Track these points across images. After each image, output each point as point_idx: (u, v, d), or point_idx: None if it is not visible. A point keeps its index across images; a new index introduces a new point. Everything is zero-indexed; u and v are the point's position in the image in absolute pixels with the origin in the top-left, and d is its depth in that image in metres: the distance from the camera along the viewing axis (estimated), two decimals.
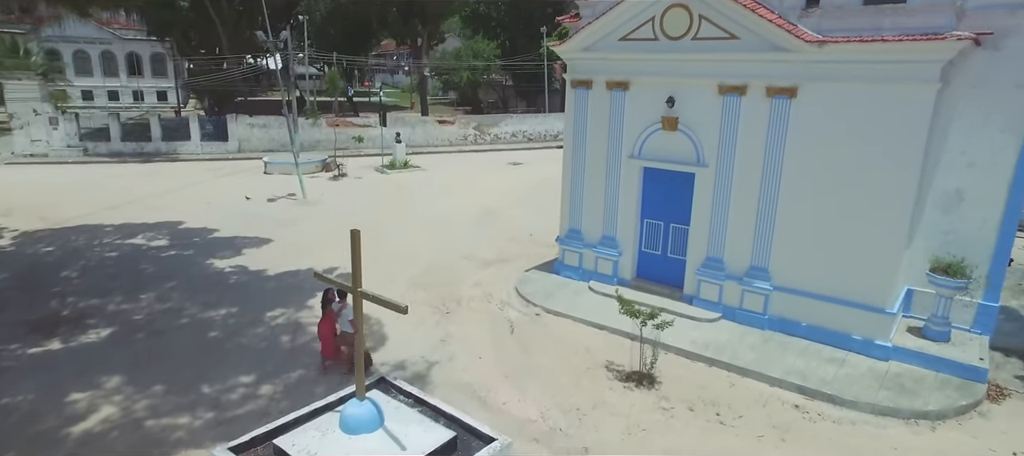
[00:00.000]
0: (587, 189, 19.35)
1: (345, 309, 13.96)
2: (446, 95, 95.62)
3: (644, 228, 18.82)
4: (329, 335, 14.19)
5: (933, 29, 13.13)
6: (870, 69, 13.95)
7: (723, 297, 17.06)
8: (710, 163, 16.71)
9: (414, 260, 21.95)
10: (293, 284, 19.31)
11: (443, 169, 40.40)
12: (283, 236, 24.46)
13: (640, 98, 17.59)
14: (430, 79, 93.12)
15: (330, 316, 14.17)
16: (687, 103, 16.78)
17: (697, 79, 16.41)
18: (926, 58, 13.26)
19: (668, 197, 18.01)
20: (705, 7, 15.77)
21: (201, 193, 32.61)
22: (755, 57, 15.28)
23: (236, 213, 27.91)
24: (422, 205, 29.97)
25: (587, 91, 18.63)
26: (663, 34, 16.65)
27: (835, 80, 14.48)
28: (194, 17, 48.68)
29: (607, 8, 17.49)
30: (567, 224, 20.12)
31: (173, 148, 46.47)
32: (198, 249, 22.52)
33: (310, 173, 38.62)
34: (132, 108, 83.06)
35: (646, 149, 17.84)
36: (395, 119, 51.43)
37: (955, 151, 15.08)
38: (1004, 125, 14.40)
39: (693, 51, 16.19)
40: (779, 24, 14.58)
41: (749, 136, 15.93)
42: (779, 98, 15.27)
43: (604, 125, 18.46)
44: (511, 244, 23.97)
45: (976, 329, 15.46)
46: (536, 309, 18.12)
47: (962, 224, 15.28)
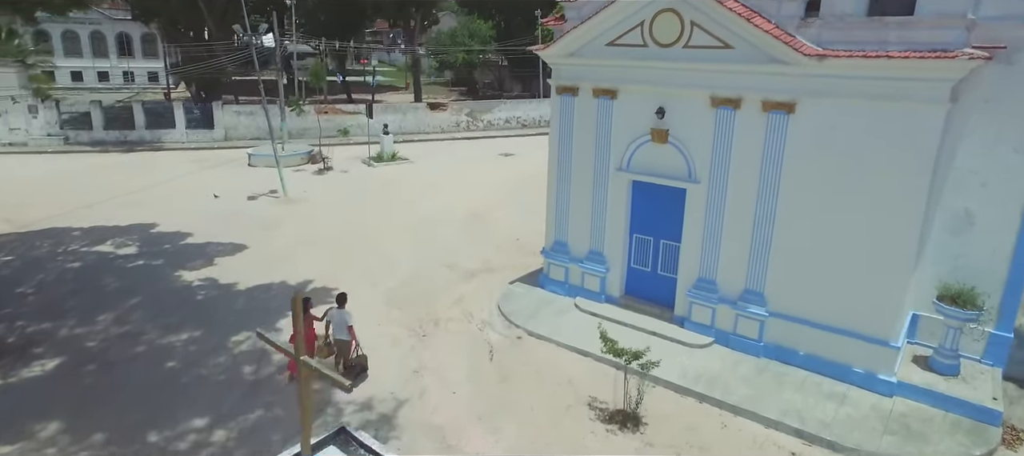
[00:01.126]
0: (573, 201, 18.28)
1: (343, 313, 14.01)
2: (442, 75, 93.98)
3: (633, 243, 17.78)
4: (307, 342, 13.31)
5: (942, 45, 11.99)
6: (874, 86, 12.84)
7: (716, 321, 16.07)
8: (702, 179, 15.63)
9: (394, 270, 20.93)
10: (263, 301, 18.31)
11: (432, 161, 39.25)
12: (260, 241, 23.42)
13: (628, 107, 16.48)
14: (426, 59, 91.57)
15: (310, 323, 13.72)
16: (678, 115, 15.67)
17: (689, 90, 15.29)
18: (935, 77, 12.15)
19: (658, 212, 16.96)
20: (697, 13, 14.61)
21: (181, 188, 31.55)
22: (750, 69, 14.15)
23: (213, 213, 26.88)
24: (407, 205, 28.89)
25: (573, 98, 17.51)
26: (653, 41, 15.51)
27: (836, 96, 13.36)
28: (180, 3, 47.13)
29: (594, 11, 16.33)
30: (553, 236, 19.08)
31: (157, 136, 45.30)
32: (168, 258, 21.49)
33: (295, 165, 37.55)
34: (123, 89, 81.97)
35: (635, 162, 16.75)
36: (385, 108, 50.03)
37: (965, 170, 14.04)
38: (1018, 144, 13.35)
39: (684, 60, 15.05)
40: (776, 35, 13.43)
41: (744, 152, 14.84)
42: (776, 113, 14.15)
43: (591, 134, 17.36)
44: (497, 251, 22.95)
45: (987, 360, 14.49)
46: (518, 331, 17.13)
47: (972, 248, 14.25)
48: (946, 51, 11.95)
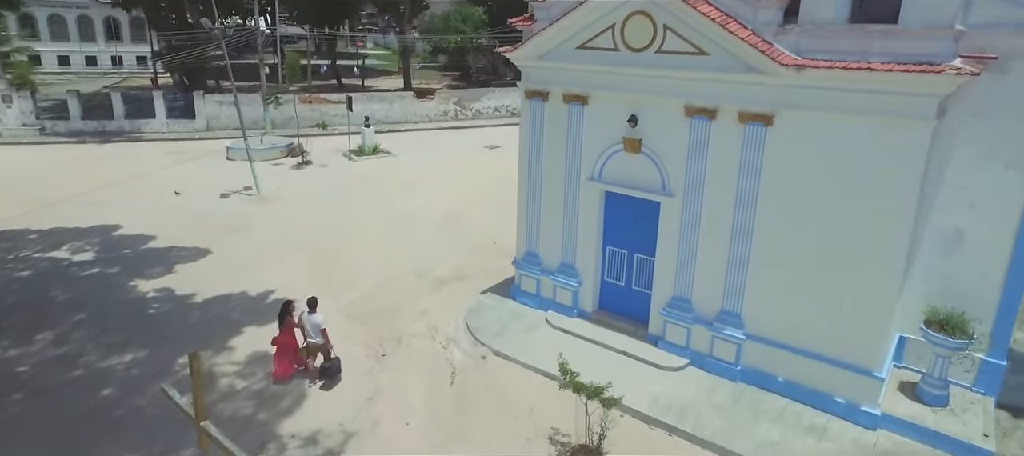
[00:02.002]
0: (544, 211, 17.33)
1: (315, 317, 14.31)
2: (436, 58, 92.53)
3: (607, 256, 16.85)
4: (287, 349, 14.41)
5: (928, 57, 11.01)
6: (856, 99, 11.85)
7: (691, 342, 15.17)
8: (677, 193, 14.66)
9: (360, 278, 20.03)
10: (219, 315, 17.41)
11: (414, 154, 38.20)
12: (226, 245, 22.50)
13: (600, 114, 15.49)
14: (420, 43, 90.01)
15: (290, 327, 14.39)
16: (651, 124, 14.68)
17: (662, 98, 14.30)
18: (920, 91, 11.17)
19: (632, 224, 16.02)
20: (670, 17, 13.58)
21: (153, 185, 30.51)
22: (726, 78, 13.14)
23: (181, 213, 25.93)
24: (383, 203, 27.94)
25: (542, 103, 16.52)
26: (624, 45, 14.49)
27: (816, 109, 12.38)
28: None
29: (563, 12, 15.30)
30: (524, 247, 18.15)
31: (137, 127, 44.26)
32: (126, 265, 20.56)
33: (273, 159, 36.56)
34: (111, 74, 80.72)
35: (607, 172, 15.78)
36: (371, 97, 48.92)
37: (954, 186, 13.08)
38: (1010, 161, 12.39)
39: (657, 66, 14.04)
40: (752, 43, 12.42)
41: (720, 165, 13.86)
42: (753, 125, 13.17)
43: (561, 142, 16.38)
44: (471, 255, 22.02)
45: (979, 389, 13.60)
46: (483, 350, 16.24)
47: (963, 269, 13.32)
48: (932, 64, 10.94)
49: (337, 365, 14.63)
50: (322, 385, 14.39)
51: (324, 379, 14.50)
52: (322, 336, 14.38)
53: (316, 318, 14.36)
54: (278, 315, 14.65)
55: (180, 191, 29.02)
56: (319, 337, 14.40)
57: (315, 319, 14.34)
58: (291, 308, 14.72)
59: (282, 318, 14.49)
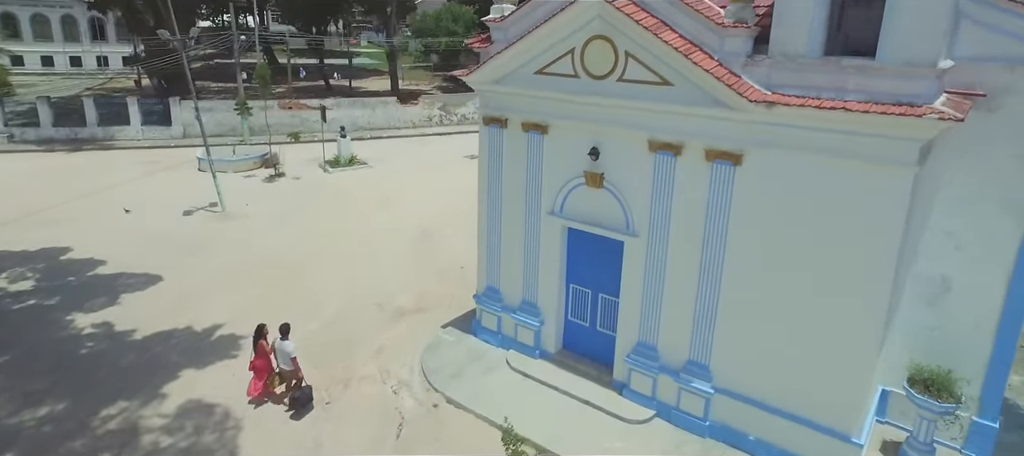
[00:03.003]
0: (504, 245, 16.18)
1: (285, 345, 14.13)
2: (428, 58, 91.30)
3: (570, 294, 15.70)
4: (261, 371, 14.35)
5: (909, 97, 9.84)
6: (832, 140, 10.69)
7: (657, 392, 14.03)
8: (641, 232, 13.50)
9: (318, 308, 18.88)
10: (156, 357, 16.24)
11: (392, 164, 36.94)
12: (179, 271, 21.32)
13: (561, 145, 14.32)
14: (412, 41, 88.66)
15: (263, 350, 14.30)
16: (614, 157, 13.52)
17: (624, 130, 13.13)
18: (900, 135, 9.97)
19: (596, 262, 14.87)
20: (631, 44, 12.40)
21: (117, 199, 29.15)
22: (691, 111, 11.97)
23: (137, 234, 24.71)
24: (352, 221, 26.74)
25: (501, 130, 15.36)
26: (585, 71, 13.32)
27: (788, 149, 11.21)
28: None
29: (521, 33, 14.12)
30: (484, 281, 17.01)
31: (110, 134, 42.98)
32: (67, 295, 19.37)
33: (246, 170, 35.35)
34: (96, 75, 79.40)
35: (569, 206, 14.61)
36: (353, 102, 47.66)
37: (940, 230, 11.96)
38: (1001, 204, 11.29)
39: (619, 96, 12.86)
40: (717, 75, 11.23)
41: (686, 205, 12.70)
42: (721, 163, 12.00)
43: (521, 173, 15.22)
44: (437, 282, 20.88)
45: (969, 451, 12.42)
46: (436, 396, 15.11)
47: (950, 321, 12.22)
48: (913, 105, 9.76)
49: (308, 393, 14.49)
50: (293, 414, 14.18)
51: (295, 408, 14.32)
52: (292, 364, 14.18)
53: (287, 346, 14.15)
54: (252, 338, 14.54)
55: (130, 208, 27.63)
56: (289, 365, 14.19)
57: (286, 347, 14.15)
58: (265, 331, 14.54)
59: (256, 342, 14.39)
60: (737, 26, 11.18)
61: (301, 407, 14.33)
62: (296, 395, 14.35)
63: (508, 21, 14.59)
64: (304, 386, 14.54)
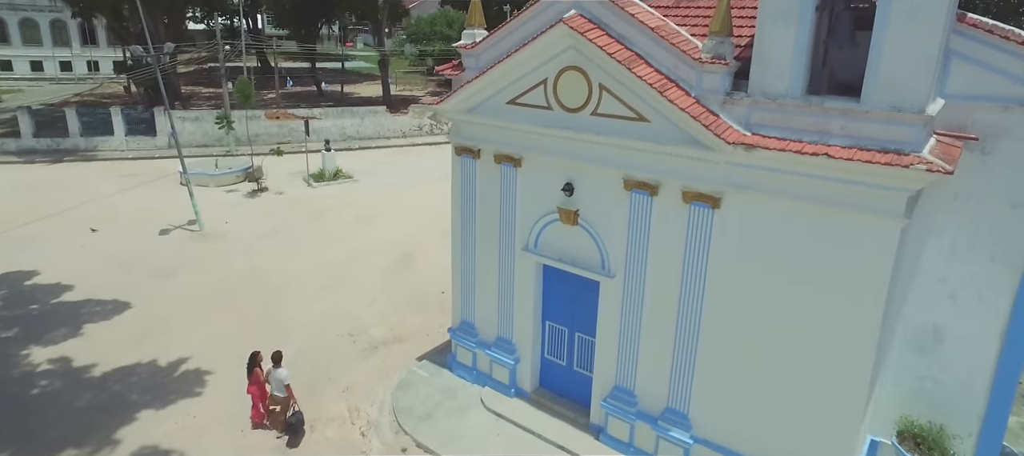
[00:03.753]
0: (479, 279, 15.51)
1: (279, 372, 14.28)
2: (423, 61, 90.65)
3: (547, 331, 15.03)
4: (256, 397, 14.62)
5: (896, 143, 9.17)
6: (814, 186, 10.00)
7: (635, 438, 13.37)
8: (617, 273, 12.81)
9: (289, 339, 18.20)
10: (115, 396, 15.56)
11: (378, 178, 36.18)
12: (148, 297, 20.62)
13: (534, 179, 13.65)
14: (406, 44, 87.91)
15: (257, 378, 14.54)
16: (588, 194, 12.83)
17: (599, 166, 12.40)
18: (886, 185, 9.27)
19: (572, 300, 14.22)
20: (605, 76, 11.71)
21: (92, 217, 28.41)
22: (667, 150, 11.29)
23: (110, 255, 23.99)
24: (333, 242, 26.03)
25: (474, 161, 14.66)
26: (558, 103, 12.63)
27: (769, 193, 10.52)
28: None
29: (493, 61, 13.43)
30: (459, 315, 16.34)
31: (93, 145, 42.28)
32: (26, 326, 18.63)
33: (229, 184, 34.61)
34: (86, 79, 78.74)
35: (543, 242, 13.93)
36: (341, 112, 46.90)
37: (932, 276, 11.25)
38: (996, 253, 10.57)
39: (593, 130, 12.17)
40: (694, 114, 10.54)
41: (663, 247, 12.03)
42: (698, 205, 11.30)
43: (494, 206, 14.54)
44: (416, 309, 20.20)
45: None
46: (406, 439, 14.44)
47: (942, 372, 11.54)
48: (900, 152, 9.08)
49: (300, 419, 14.56)
50: (288, 441, 14.26)
51: (288, 434, 14.43)
52: (286, 391, 14.38)
53: (280, 373, 14.33)
54: (247, 365, 14.73)
55: (97, 228, 26.85)
56: (283, 391, 14.38)
57: (279, 374, 14.33)
58: (259, 359, 14.80)
59: (250, 369, 14.63)
60: (715, 62, 10.47)
61: (294, 434, 14.40)
62: (290, 420, 14.42)
63: (480, 48, 13.91)
64: (296, 412, 14.58)
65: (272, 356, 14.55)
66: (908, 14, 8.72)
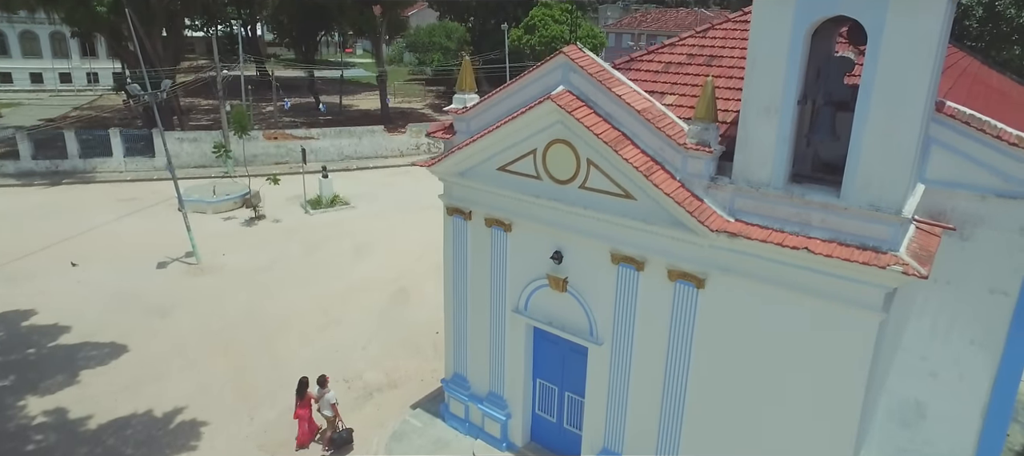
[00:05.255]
0: (471, 334, 15.70)
1: (326, 394, 15.89)
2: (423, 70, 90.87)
3: (537, 388, 15.22)
4: (305, 419, 16.00)
5: (874, 241, 9.37)
6: (796, 274, 10.20)
7: None
8: (604, 341, 13.03)
9: (283, 386, 18.31)
10: (110, 451, 15.79)
11: (375, 203, 36.17)
12: (145, 338, 20.80)
13: (524, 244, 13.84)
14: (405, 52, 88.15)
15: (308, 401, 15.96)
16: (577, 263, 13.03)
17: (587, 238, 12.58)
18: (864, 280, 9.46)
19: (562, 361, 14.45)
20: (593, 153, 11.91)
21: (91, 247, 28.54)
22: (653, 229, 11.46)
23: (108, 291, 24.14)
24: (329, 276, 26.18)
25: (465, 222, 14.85)
26: (547, 174, 12.82)
27: (751, 277, 10.72)
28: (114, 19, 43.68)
29: (483, 127, 13.62)
30: (452, 367, 16.55)
31: (92, 166, 42.41)
32: (23, 373, 18.77)
33: (227, 210, 34.78)
34: (85, 91, 78.97)
35: (533, 306, 14.13)
36: (339, 132, 47.08)
37: (914, 354, 11.45)
38: (975, 337, 10.78)
39: (581, 204, 12.37)
40: (678, 199, 10.76)
41: (650, 320, 12.24)
42: (684, 283, 11.47)
43: (486, 266, 14.73)
44: (410, 352, 20.40)
45: None
46: None
47: (925, 446, 11.82)
48: (879, 250, 9.28)
49: (346, 435, 16.09)
50: (331, 454, 15.89)
51: (332, 449, 16.00)
52: (332, 410, 15.94)
53: (327, 395, 15.89)
54: (296, 391, 15.95)
55: (77, 262, 26.90)
56: (330, 411, 15.92)
57: (327, 396, 15.88)
58: (307, 383, 16.05)
59: (301, 393, 15.86)
60: (699, 149, 10.66)
61: (338, 449, 15.99)
62: (334, 437, 15.91)
63: (471, 113, 14.09)
64: (342, 429, 16.10)
65: (318, 380, 16.08)
66: (885, 120, 8.92)
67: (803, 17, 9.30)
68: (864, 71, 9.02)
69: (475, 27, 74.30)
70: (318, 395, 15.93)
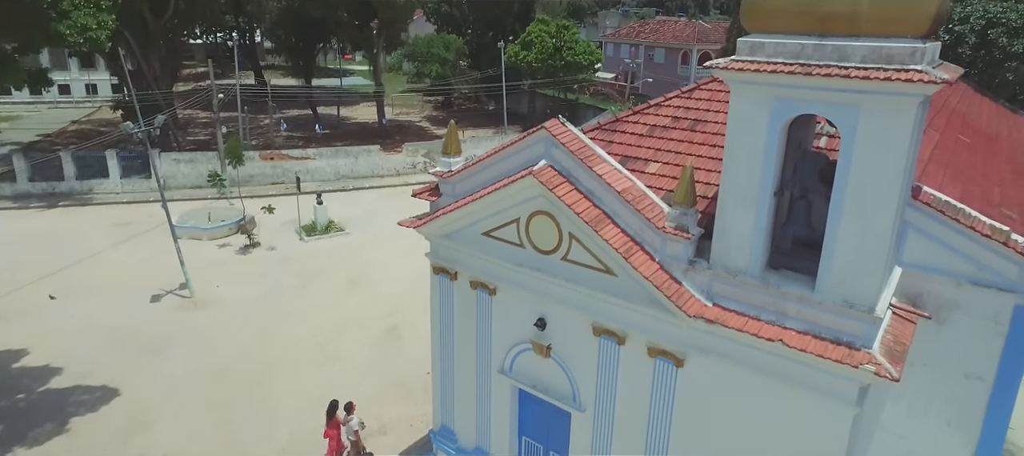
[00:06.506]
0: (458, 389, 15.81)
1: (350, 421, 17.40)
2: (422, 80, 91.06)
3: (523, 445, 15.30)
4: (335, 438, 17.33)
5: (848, 336, 9.45)
6: (772, 361, 10.30)
7: None
8: (587, 408, 13.13)
9: (269, 434, 18.47)
10: None
11: (370, 229, 36.01)
12: (138, 380, 20.90)
13: (508, 308, 13.93)
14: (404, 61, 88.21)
15: (337, 423, 17.35)
16: (560, 331, 13.14)
17: (569, 309, 12.67)
18: (839, 374, 9.55)
19: (547, 422, 14.52)
20: (574, 227, 11.99)
21: (84, 280, 28.57)
22: (633, 307, 11.54)
23: (101, 328, 24.21)
24: (321, 309, 26.31)
25: (451, 281, 14.93)
26: (530, 243, 12.90)
27: (729, 360, 10.80)
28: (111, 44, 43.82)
29: (468, 191, 13.73)
30: (439, 419, 16.67)
31: (88, 187, 42.60)
32: (11, 422, 18.81)
33: (222, 237, 34.86)
34: (84, 103, 79.20)
35: (518, 368, 14.25)
36: (336, 151, 47.22)
37: (892, 432, 11.54)
38: (952, 419, 10.88)
39: (563, 276, 12.46)
40: (657, 282, 10.85)
41: (631, 393, 12.35)
42: (663, 360, 11.56)
43: (471, 326, 14.83)
44: (400, 393, 20.53)
45: None
46: None
47: None
48: (852, 346, 9.37)
49: None
50: None
51: None
52: (355, 436, 17.39)
53: (352, 422, 17.39)
54: (326, 412, 17.40)
55: (55, 295, 26.92)
56: (353, 437, 17.34)
57: (351, 423, 17.37)
58: (336, 406, 17.47)
59: (330, 415, 17.31)
60: (677, 233, 10.74)
61: None
62: None
63: (456, 177, 14.18)
64: (367, 453, 17.79)
65: (345, 407, 17.44)
66: (857, 222, 9.00)
67: (779, 114, 9.39)
68: (838, 171, 9.10)
69: (472, 40, 74.39)
70: (345, 420, 17.25)
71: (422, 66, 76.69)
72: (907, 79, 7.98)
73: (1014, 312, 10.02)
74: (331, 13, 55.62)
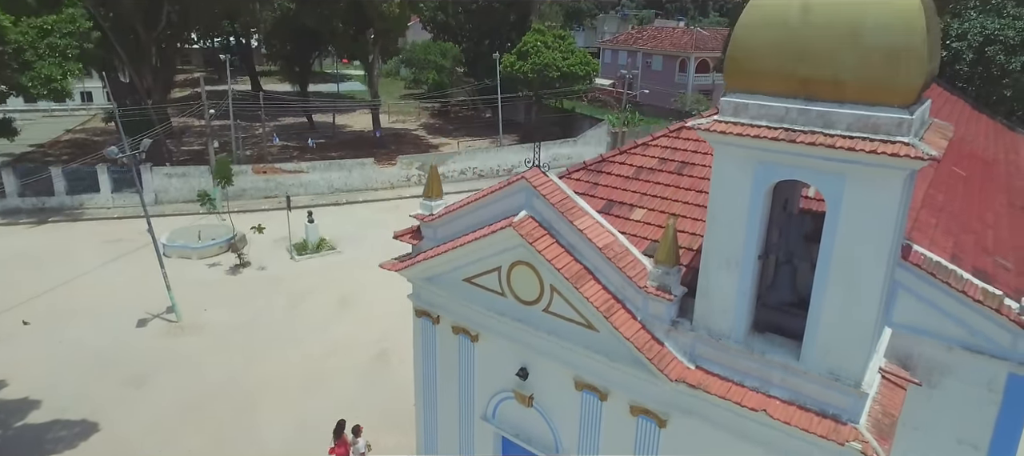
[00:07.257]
0: (441, 431, 15.49)
1: (358, 443, 17.82)
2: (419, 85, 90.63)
3: None
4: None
5: (834, 408, 9.13)
6: (755, 429, 9.98)
7: None
8: None
9: None
10: None
11: (360, 248, 35.28)
12: (120, 412, 20.55)
13: (491, 355, 13.61)
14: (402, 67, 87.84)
15: (344, 443, 17.50)
16: (542, 381, 12.82)
17: (552, 362, 12.33)
18: (824, 447, 9.21)
19: None
20: (555, 280, 11.64)
21: (69, 304, 28.16)
22: (615, 365, 11.20)
23: (85, 356, 23.83)
24: (311, 333, 25.97)
25: (433, 325, 14.60)
26: (512, 293, 12.56)
27: (712, 424, 10.45)
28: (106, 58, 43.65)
29: (450, 236, 13.39)
30: None
31: (79, 202, 42.27)
32: None
33: (212, 256, 34.49)
34: (78, 111, 78.85)
35: (500, 416, 13.94)
36: (329, 165, 46.84)
37: None
38: None
39: (545, 328, 12.13)
40: (638, 343, 10.53)
41: (613, 448, 12.01)
42: (646, 419, 11.22)
43: (454, 372, 14.53)
44: (389, 425, 20.18)
45: None
46: None
47: None
48: (838, 419, 9.03)
49: None
50: None
51: None
52: None
53: (358, 444, 17.78)
54: (333, 431, 17.52)
55: (29, 321, 26.33)
56: None
57: (358, 445, 17.76)
58: (344, 425, 17.76)
59: (337, 434, 17.42)
60: (660, 293, 10.40)
61: None
62: None
63: (438, 221, 13.83)
64: None
65: (353, 429, 17.87)
66: (843, 294, 8.69)
67: (763, 178, 9.06)
68: (823, 240, 8.77)
69: (469, 49, 74.07)
70: (352, 442, 17.57)
71: (419, 73, 76.48)
72: (892, 153, 7.64)
73: (1008, 380, 9.65)
74: (326, 23, 55.25)
